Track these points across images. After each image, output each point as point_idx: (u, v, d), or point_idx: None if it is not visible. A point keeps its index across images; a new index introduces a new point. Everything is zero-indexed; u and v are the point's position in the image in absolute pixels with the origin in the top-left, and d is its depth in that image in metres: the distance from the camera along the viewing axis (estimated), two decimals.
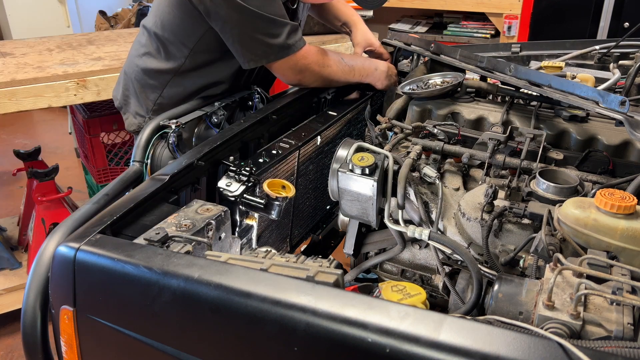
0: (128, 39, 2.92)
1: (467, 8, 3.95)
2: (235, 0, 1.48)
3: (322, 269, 0.92)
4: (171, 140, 1.49)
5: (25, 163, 2.78)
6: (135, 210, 1.10)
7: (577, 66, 1.95)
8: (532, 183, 1.23)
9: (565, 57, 1.97)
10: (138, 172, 1.42)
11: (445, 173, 1.43)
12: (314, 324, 0.78)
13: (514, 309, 0.93)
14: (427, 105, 1.64)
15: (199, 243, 1.03)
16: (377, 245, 1.49)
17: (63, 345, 0.99)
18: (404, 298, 0.95)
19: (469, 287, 1.22)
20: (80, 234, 0.99)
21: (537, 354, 0.70)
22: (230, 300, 0.84)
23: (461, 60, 1.74)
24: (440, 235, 1.21)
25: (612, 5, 3.55)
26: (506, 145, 1.39)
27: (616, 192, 0.99)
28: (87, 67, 2.37)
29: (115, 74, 2.37)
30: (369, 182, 1.25)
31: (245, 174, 1.28)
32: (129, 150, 2.98)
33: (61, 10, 5.26)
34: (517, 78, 1.51)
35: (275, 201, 1.27)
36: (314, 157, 1.68)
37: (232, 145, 1.42)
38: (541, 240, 1.02)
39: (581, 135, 1.46)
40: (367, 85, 1.91)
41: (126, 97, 1.85)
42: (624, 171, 1.34)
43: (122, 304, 0.94)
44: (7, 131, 4.94)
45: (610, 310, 0.85)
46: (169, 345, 0.90)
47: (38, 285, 1.00)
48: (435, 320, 0.76)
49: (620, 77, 1.71)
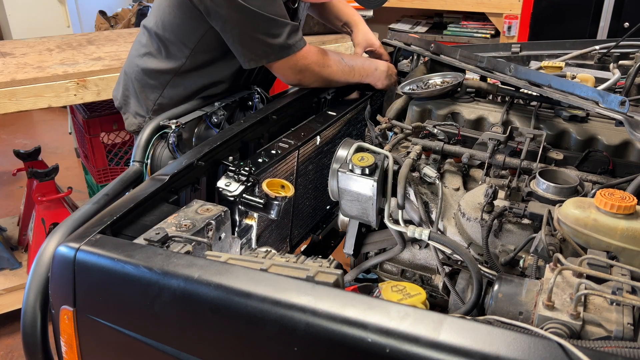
0: (128, 39, 2.92)
1: (467, 8, 3.94)
2: (236, 0, 1.48)
3: (322, 269, 0.92)
4: (171, 140, 1.49)
5: (25, 163, 2.78)
6: (135, 210, 1.10)
7: (577, 66, 1.95)
8: (532, 183, 1.23)
9: (565, 57, 1.97)
10: (138, 172, 1.42)
11: (445, 173, 1.43)
12: (314, 324, 0.78)
13: (514, 309, 0.93)
14: (427, 105, 1.64)
15: (199, 243, 1.03)
16: (377, 246, 1.49)
17: (63, 345, 0.99)
18: (403, 298, 0.95)
19: (468, 287, 1.22)
20: (80, 234, 0.99)
21: (537, 354, 0.70)
22: (230, 301, 0.84)
23: (461, 60, 1.74)
24: (440, 235, 1.21)
25: (612, 5, 3.55)
26: (506, 146, 1.39)
27: (616, 192, 0.99)
28: (87, 67, 2.37)
29: (115, 74, 2.37)
30: (369, 182, 1.25)
31: (244, 173, 1.29)
32: (129, 150, 2.98)
33: (61, 10, 5.26)
34: (517, 78, 1.51)
35: (274, 201, 1.27)
36: (314, 157, 1.68)
37: (232, 145, 1.42)
38: (541, 241, 1.02)
39: (581, 135, 1.46)
40: (367, 86, 1.91)
41: (126, 97, 1.85)
42: (624, 171, 1.34)
43: (122, 304, 0.94)
44: (7, 131, 4.94)
45: (610, 311, 0.85)
46: (169, 345, 0.90)
47: (38, 285, 1.00)
48: (435, 320, 0.76)
49: (620, 77, 1.71)
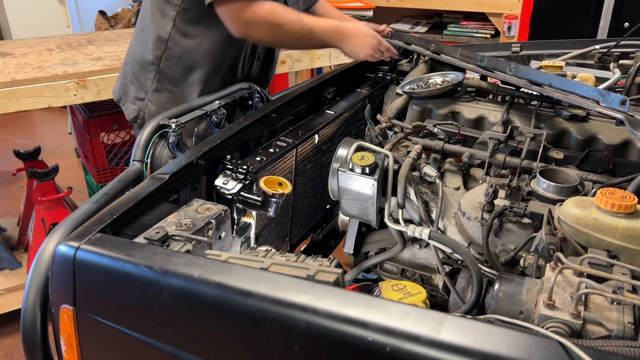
0: (128, 39, 2.91)
1: (467, 8, 3.94)
2: None
3: (323, 268, 0.92)
4: (171, 140, 1.49)
5: (25, 163, 2.78)
6: (135, 209, 1.10)
7: (577, 66, 1.95)
8: (532, 182, 1.22)
9: (566, 56, 1.97)
10: (138, 172, 1.42)
11: (445, 172, 1.43)
12: (314, 323, 0.78)
13: (515, 308, 0.93)
14: (427, 104, 1.64)
15: (199, 242, 1.03)
16: (377, 245, 1.49)
17: (63, 344, 0.99)
18: (404, 297, 0.95)
19: (469, 286, 1.22)
20: (80, 233, 0.99)
21: (537, 353, 0.70)
22: (231, 300, 0.83)
23: (461, 60, 1.74)
24: (440, 234, 1.21)
25: (612, 5, 3.55)
26: (506, 145, 1.39)
27: (617, 191, 0.99)
28: (87, 67, 2.37)
29: (115, 74, 2.37)
30: (369, 182, 1.25)
31: (242, 172, 1.29)
32: (129, 150, 2.97)
33: (61, 10, 5.26)
34: (517, 77, 1.51)
35: (272, 198, 1.27)
36: (312, 156, 1.68)
37: (231, 144, 1.42)
38: (541, 240, 1.02)
39: (581, 134, 1.46)
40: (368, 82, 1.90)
41: (125, 85, 1.88)
42: (625, 170, 1.34)
43: (122, 303, 0.94)
44: (7, 131, 4.94)
45: (611, 310, 0.85)
46: (169, 344, 0.90)
47: (38, 285, 1.00)
48: (436, 319, 0.75)
49: (620, 76, 1.71)
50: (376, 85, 2.00)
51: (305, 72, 3.82)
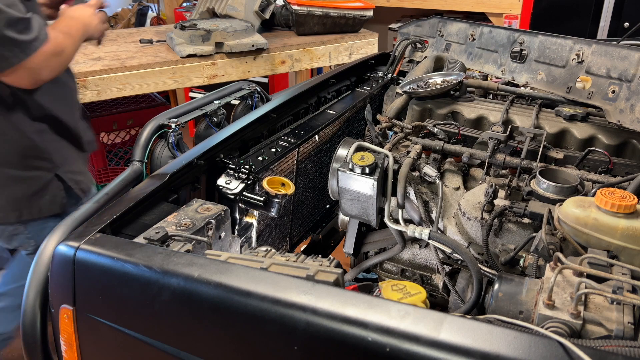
0: (128, 39, 2.91)
1: (467, 8, 3.94)
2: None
3: (322, 268, 0.92)
4: (171, 140, 1.49)
5: None
6: (135, 209, 1.10)
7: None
8: (532, 182, 1.22)
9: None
10: (138, 172, 1.42)
11: (445, 172, 1.43)
12: (314, 323, 0.78)
13: (514, 308, 0.93)
14: (427, 104, 1.64)
15: (199, 242, 1.03)
16: (377, 245, 1.48)
17: (63, 344, 0.99)
18: (404, 297, 0.95)
19: (469, 286, 1.22)
20: (80, 233, 0.99)
21: (537, 353, 0.70)
22: (230, 299, 0.83)
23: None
24: (440, 234, 1.21)
25: (612, 5, 3.55)
26: (506, 145, 1.38)
27: (616, 191, 0.99)
28: (87, 67, 2.37)
29: (115, 74, 2.38)
30: (369, 182, 1.25)
31: (244, 172, 1.29)
32: (129, 150, 2.98)
33: None
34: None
35: (274, 198, 1.27)
36: (313, 156, 1.68)
37: (231, 144, 1.42)
38: (541, 240, 1.02)
39: (581, 134, 1.46)
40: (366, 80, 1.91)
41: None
42: (624, 171, 1.34)
43: (122, 303, 0.94)
44: None
45: (611, 310, 0.85)
46: (168, 344, 0.90)
47: (38, 285, 1.00)
48: (436, 319, 0.75)
49: None
50: (376, 85, 2.00)
51: (305, 72, 3.82)
